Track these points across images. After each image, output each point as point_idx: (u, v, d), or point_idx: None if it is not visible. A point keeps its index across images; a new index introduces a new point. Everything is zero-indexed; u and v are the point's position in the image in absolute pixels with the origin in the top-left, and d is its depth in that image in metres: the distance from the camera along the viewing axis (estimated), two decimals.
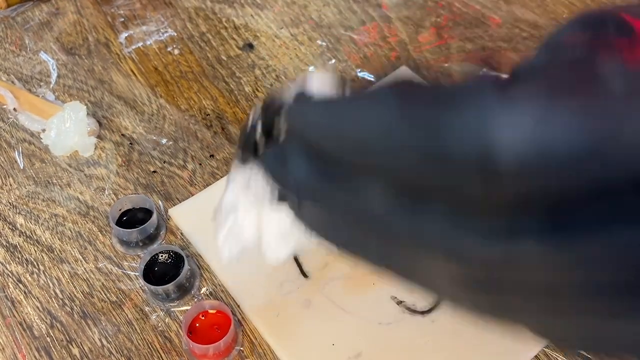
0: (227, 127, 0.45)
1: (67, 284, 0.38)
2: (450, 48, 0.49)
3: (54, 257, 0.39)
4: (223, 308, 0.35)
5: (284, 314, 0.36)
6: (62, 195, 0.42)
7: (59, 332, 0.36)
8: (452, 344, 0.35)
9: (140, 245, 0.39)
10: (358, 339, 0.35)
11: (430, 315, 0.36)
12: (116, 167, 0.43)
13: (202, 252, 0.39)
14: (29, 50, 0.50)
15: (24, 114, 0.46)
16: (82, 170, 0.43)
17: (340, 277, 0.37)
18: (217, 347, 0.34)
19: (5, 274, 0.39)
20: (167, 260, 0.37)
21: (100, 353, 0.35)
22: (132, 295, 0.38)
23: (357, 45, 0.50)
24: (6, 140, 0.45)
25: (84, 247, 0.40)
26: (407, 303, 0.36)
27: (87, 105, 0.46)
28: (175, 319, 0.37)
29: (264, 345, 0.35)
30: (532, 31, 0.50)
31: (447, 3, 0.52)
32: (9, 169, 0.43)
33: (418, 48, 0.49)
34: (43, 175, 0.43)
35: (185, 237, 0.40)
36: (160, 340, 0.36)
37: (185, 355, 0.35)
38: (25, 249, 0.40)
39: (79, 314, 0.37)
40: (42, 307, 0.37)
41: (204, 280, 0.38)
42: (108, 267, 0.39)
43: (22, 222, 0.41)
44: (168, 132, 0.45)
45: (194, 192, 0.42)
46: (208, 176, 0.43)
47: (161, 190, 0.42)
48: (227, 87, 0.48)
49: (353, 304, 0.36)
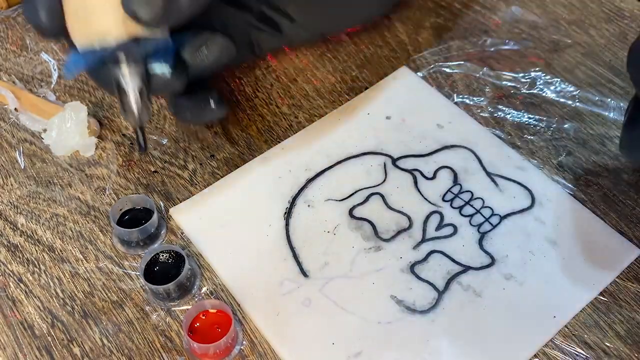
0: (228, 128, 0.45)
1: (68, 283, 0.38)
2: (450, 48, 0.49)
3: (55, 257, 0.39)
4: (224, 307, 0.35)
5: (284, 313, 0.36)
6: (63, 195, 0.42)
7: (60, 331, 0.36)
8: (451, 344, 0.35)
9: (141, 245, 0.39)
10: (358, 338, 0.35)
11: (429, 314, 0.36)
12: (117, 167, 0.43)
13: (202, 252, 0.39)
14: (30, 50, 0.50)
15: (25, 114, 0.46)
16: (82, 170, 0.43)
17: (340, 277, 0.37)
18: (218, 347, 0.34)
19: (7, 274, 0.39)
20: (168, 259, 0.37)
21: (101, 352, 0.36)
22: (133, 294, 0.38)
23: (357, 46, 0.50)
24: (7, 140, 0.45)
25: (84, 246, 0.40)
26: (407, 302, 0.36)
27: (88, 105, 0.46)
28: (176, 319, 0.37)
29: (265, 345, 0.36)
30: (532, 32, 0.50)
31: (447, 3, 0.52)
32: (10, 169, 0.44)
33: (418, 48, 0.49)
34: (44, 175, 0.43)
35: (186, 236, 0.40)
36: (161, 340, 0.36)
37: (185, 355, 0.35)
38: (26, 249, 0.40)
39: (80, 313, 0.37)
40: (43, 307, 0.37)
41: (205, 279, 0.38)
42: (109, 266, 0.39)
43: (23, 222, 0.41)
44: (169, 132, 0.45)
45: (195, 192, 0.42)
46: (208, 176, 0.43)
47: (162, 190, 0.42)
48: (227, 88, 0.48)
49: (353, 303, 0.36)
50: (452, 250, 0.38)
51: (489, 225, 0.39)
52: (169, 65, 0.36)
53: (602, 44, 0.49)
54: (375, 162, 0.42)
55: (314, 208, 0.40)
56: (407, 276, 0.37)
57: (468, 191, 0.41)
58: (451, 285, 0.37)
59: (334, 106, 0.46)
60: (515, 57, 0.48)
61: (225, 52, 0.38)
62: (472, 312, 0.36)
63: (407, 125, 0.44)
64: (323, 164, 0.43)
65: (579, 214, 0.39)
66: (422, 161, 0.42)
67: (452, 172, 0.42)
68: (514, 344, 0.35)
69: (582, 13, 0.51)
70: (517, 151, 0.43)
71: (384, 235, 0.39)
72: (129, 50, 0.33)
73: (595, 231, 0.39)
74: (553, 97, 0.46)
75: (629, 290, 0.37)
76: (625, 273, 0.37)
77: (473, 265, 0.38)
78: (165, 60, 0.35)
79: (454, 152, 0.43)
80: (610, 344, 0.35)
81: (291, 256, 0.38)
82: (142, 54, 0.34)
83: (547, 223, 0.39)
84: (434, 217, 0.40)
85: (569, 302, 0.36)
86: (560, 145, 0.43)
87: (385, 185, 0.41)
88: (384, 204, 0.40)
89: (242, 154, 0.44)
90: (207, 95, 0.40)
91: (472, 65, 0.48)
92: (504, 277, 0.37)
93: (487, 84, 0.47)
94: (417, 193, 0.41)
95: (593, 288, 0.37)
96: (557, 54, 0.48)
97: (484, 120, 0.45)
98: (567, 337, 0.35)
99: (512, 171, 0.42)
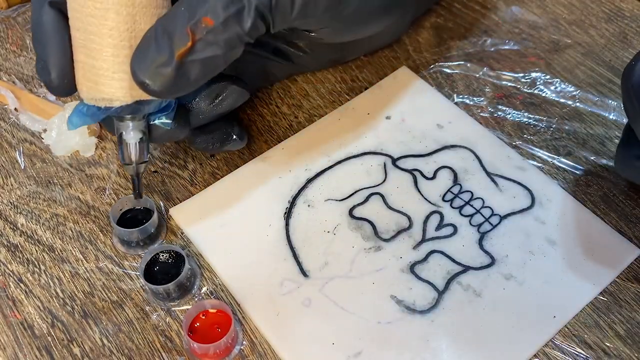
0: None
1: (68, 283, 0.38)
2: (450, 48, 0.49)
3: (55, 257, 0.39)
4: (224, 307, 0.35)
5: (284, 313, 0.36)
6: (63, 195, 0.42)
7: (60, 331, 0.36)
8: (451, 344, 0.35)
9: (141, 245, 0.39)
10: (358, 338, 0.35)
11: (429, 314, 0.36)
12: (117, 167, 0.43)
13: (202, 252, 0.39)
14: (30, 50, 0.50)
15: (25, 114, 0.46)
16: (83, 170, 0.43)
17: (340, 277, 0.37)
18: (218, 346, 0.34)
19: (7, 274, 0.39)
20: (168, 259, 0.37)
21: (101, 352, 0.36)
22: (133, 294, 0.38)
23: None
24: (7, 140, 0.45)
25: (84, 246, 0.40)
26: (407, 302, 0.36)
27: None
28: (176, 319, 0.37)
29: (265, 344, 0.36)
30: (532, 31, 0.50)
31: (447, 3, 0.52)
32: (10, 169, 0.44)
33: (418, 48, 0.49)
34: (44, 175, 0.43)
35: (186, 236, 0.40)
36: (161, 340, 0.36)
37: (186, 355, 0.35)
38: (26, 249, 0.40)
39: (80, 313, 0.37)
40: (43, 307, 0.37)
41: (205, 279, 0.38)
42: (109, 266, 0.39)
43: (23, 222, 0.41)
44: None
45: (195, 192, 0.42)
46: (208, 176, 0.43)
47: (162, 190, 0.42)
48: None
49: (353, 303, 0.36)
50: (452, 250, 0.38)
51: (489, 225, 0.39)
52: (171, 118, 0.37)
53: (602, 44, 0.49)
54: (375, 162, 0.42)
55: (314, 208, 0.40)
56: (407, 276, 0.37)
57: (468, 191, 0.41)
58: (451, 285, 0.37)
59: (334, 106, 0.46)
60: (515, 57, 0.48)
61: (241, 98, 0.38)
62: (472, 312, 0.36)
63: (407, 125, 0.44)
64: (323, 164, 0.43)
65: (579, 214, 0.39)
66: (422, 161, 0.42)
67: (452, 172, 0.42)
68: (514, 344, 0.35)
69: (582, 13, 0.51)
70: (517, 151, 0.43)
71: (384, 235, 0.39)
72: (133, 111, 0.35)
73: (595, 231, 0.39)
74: (553, 97, 0.46)
75: (629, 290, 0.37)
76: (625, 273, 0.37)
77: (473, 265, 0.38)
78: (168, 115, 0.36)
79: (454, 152, 0.43)
80: (610, 344, 0.35)
81: (291, 256, 0.38)
82: (145, 113, 0.35)
83: (547, 223, 0.39)
84: (434, 217, 0.40)
85: (569, 302, 0.36)
86: (560, 145, 0.43)
87: (385, 185, 0.41)
88: (384, 204, 0.40)
89: (242, 154, 0.44)
90: (229, 129, 0.40)
91: (472, 65, 0.48)
92: (504, 277, 0.37)
93: (487, 84, 0.47)
94: (417, 193, 0.41)
95: (593, 288, 0.37)
96: (557, 54, 0.48)
97: (484, 120, 0.45)
98: (567, 337, 0.35)
99: (512, 171, 0.42)
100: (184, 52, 0.31)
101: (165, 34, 0.31)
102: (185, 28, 0.31)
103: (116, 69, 0.33)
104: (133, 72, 0.32)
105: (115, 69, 0.33)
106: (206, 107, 0.37)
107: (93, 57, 0.33)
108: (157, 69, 0.31)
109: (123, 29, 0.32)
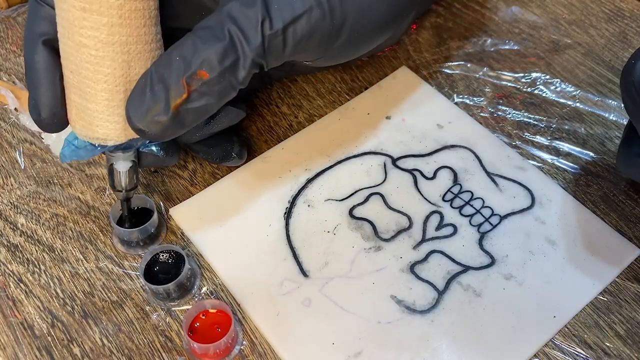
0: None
1: (68, 283, 0.38)
2: (450, 48, 0.49)
3: (55, 257, 0.39)
4: (223, 307, 0.35)
5: (284, 313, 0.36)
6: (63, 195, 0.42)
7: (60, 331, 0.36)
8: (451, 344, 0.35)
9: (141, 245, 0.39)
10: (358, 338, 0.35)
11: (429, 314, 0.36)
12: None
13: (202, 252, 0.39)
14: None
15: (25, 114, 0.46)
16: (82, 170, 0.43)
17: (340, 277, 0.37)
18: (218, 346, 0.34)
19: (7, 274, 0.39)
20: (168, 259, 0.37)
21: (101, 352, 0.36)
22: (133, 294, 0.38)
23: None
24: (7, 140, 0.45)
25: (84, 246, 0.40)
26: (407, 302, 0.36)
27: None
28: (176, 319, 0.37)
29: (265, 345, 0.36)
30: (532, 31, 0.50)
31: (447, 3, 0.52)
32: (10, 169, 0.44)
33: (418, 48, 0.49)
34: (44, 175, 0.43)
35: (186, 236, 0.40)
36: (161, 340, 0.36)
37: (186, 355, 0.35)
38: (26, 249, 0.40)
39: (80, 313, 0.37)
40: (43, 307, 0.37)
41: (205, 279, 0.38)
42: (109, 266, 0.39)
43: (23, 222, 0.41)
44: None
45: (195, 192, 0.42)
46: (208, 176, 0.43)
47: (162, 190, 0.42)
48: None
49: (353, 303, 0.36)
50: (452, 250, 0.38)
51: (489, 225, 0.39)
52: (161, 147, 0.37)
53: (602, 44, 0.49)
54: (375, 162, 0.42)
55: (314, 208, 0.40)
56: (407, 276, 0.37)
57: (468, 191, 0.41)
58: (451, 285, 0.37)
59: (334, 106, 0.46)
60: (515, 57, 0.48)
61: (236, 117, 0.38)
62: (472, 312, 0.36)
63: (407, 125, 0.44)
64: (323, 164, 0.43)
65: (578, 214, 0.39)
66: (422, 161, 0.42)
67: (452, 172, 0.42)
68: (514, 343, 0.35)
69: (582, 13, 0.51)
70: (517, 151, 0.43)
71: (384, 235, 0.39)
72: (126, 147, 0.35)
73: (595, 231, 0.39)
74: (553, 97, 0.46)
75: (629, 290, 0.37)
76: (625, 273, 0.37)
77: (473, 265, 0.38)
78: (158, 145, 0.37)
79: (454, 152, 0.43)
80: (610, 344, 0.35)
81: (291, 256, 0.38)
82: (137, 147, 0.36)
83: (547, 223, 0.39)
84: (434, 217, 0.40)
85: (569, 302, 0.36)
86: (560, 145, 0.43)
87: (385, 185, 0.41)
88: (384, 204, 0.40)
89: None
90: (228, 147, 0.40)
91: (472, 65, 0.48)
92: (504, 277, 0.37)
93: (487, 84, 0.47)
94: (417, 193, 0.41)
95: (593, 288, 0.37)
96: (557, 54, 0.48)
97: (484, 120, 0.45)
98: (567, 337, 0.35)
99: (512, 171, 0.42)
100: (179, 102, 0.32)
101: (160, 82, 0.32)
102: (181, 79, 0.31)
103: (111, 112, 0.33)
104: (129, 118, 0.32)
105: (109, 112, 0.33)
106: (202, 126, 0.37)
107: (87, 100, 0.33)
108: (153, 117, 0.32)
109: (118, 74, 0.32)
